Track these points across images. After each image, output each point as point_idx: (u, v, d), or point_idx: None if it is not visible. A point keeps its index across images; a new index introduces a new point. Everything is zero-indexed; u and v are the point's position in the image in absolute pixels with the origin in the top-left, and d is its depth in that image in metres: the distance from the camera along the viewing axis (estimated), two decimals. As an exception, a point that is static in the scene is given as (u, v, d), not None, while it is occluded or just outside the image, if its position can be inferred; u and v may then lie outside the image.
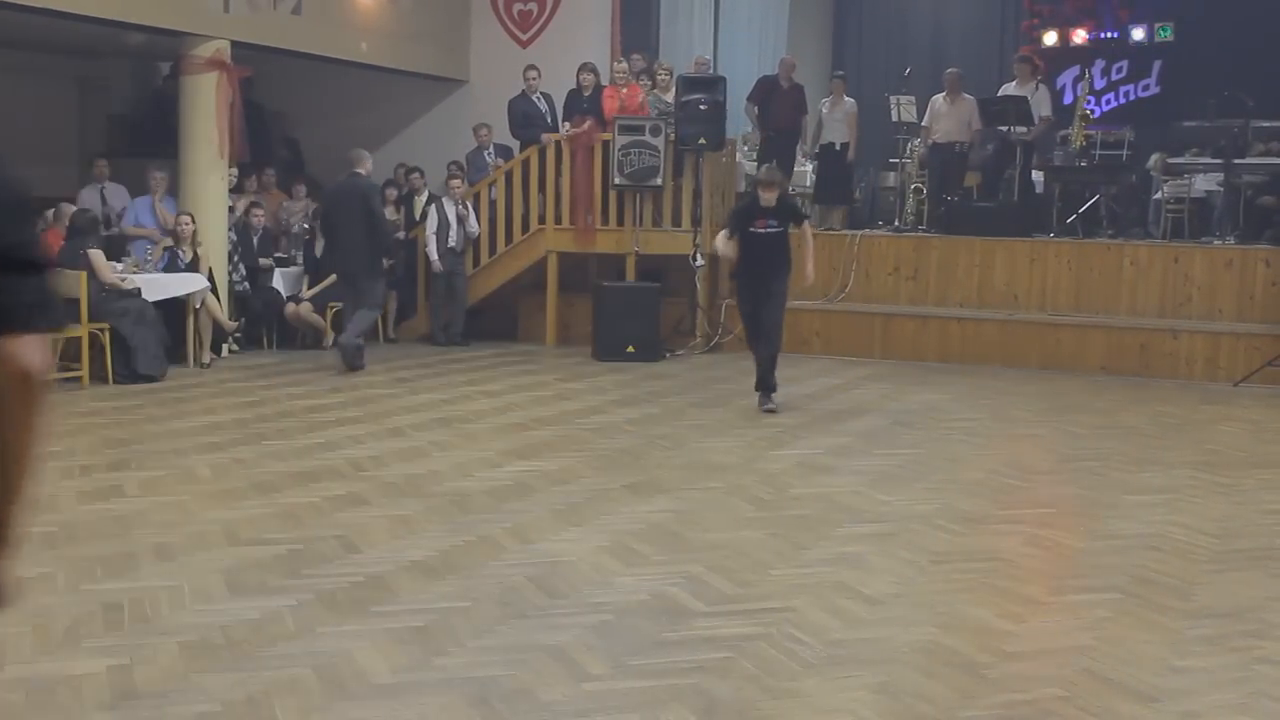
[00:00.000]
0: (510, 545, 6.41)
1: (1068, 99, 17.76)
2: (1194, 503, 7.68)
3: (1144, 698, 4.58)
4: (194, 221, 12.52)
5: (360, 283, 12.60)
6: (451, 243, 14.45)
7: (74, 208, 12.28)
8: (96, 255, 11.38)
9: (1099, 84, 18.28)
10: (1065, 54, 18.49)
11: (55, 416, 9.74)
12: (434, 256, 14.47)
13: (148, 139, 16.21)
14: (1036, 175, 15.88)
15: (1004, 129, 14.88)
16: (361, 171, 12.64)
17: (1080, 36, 18.38)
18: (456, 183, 14.66)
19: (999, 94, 15.21)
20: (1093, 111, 16.59)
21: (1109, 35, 18.40)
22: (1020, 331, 13.70)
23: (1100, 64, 18.34)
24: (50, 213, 12.61)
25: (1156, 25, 18.12)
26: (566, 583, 5.79)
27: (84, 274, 11.02)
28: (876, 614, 5.44)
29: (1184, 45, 17.89)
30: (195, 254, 12.45)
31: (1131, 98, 18.60)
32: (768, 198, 10.34)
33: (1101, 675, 4.78)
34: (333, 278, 13.88)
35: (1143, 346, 13.15)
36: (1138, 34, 18.26)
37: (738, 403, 10.93)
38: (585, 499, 7.43)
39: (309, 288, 14.07)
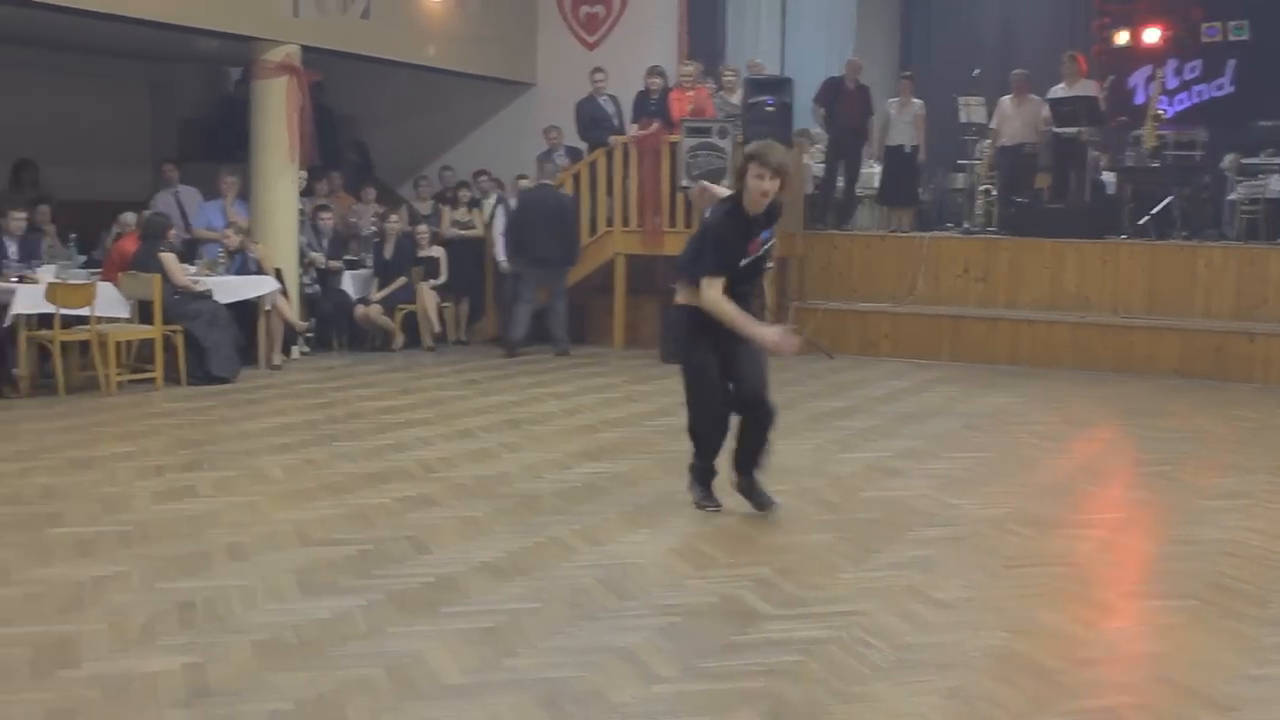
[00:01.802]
0: (580, 547, 6.42)
1: (1139, 99, 17.56)
2: (1271, 508, 7.56)
3: (1220, 706, 4.51)
4: (240, 230, 12.66)
5: (553, 279, 14.13)
6: (518, 244, 14.53)
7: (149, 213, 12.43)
8: (169, 258, 11.51)
9: (1171, 83, 18.04)
10: (1137, 53, 18.27)
11: (131, 418, 9.88)
12: (500, 257, 14.56)
13: (219, 143, 16.39)
14: (1108, 176, 15.72)
15: (1073, 130, 14.77)
16: (551, 183, 14.20)
17: (1152, 35, 18.16)
18: (525, 182, 14.72)
19: (1048, 96, 15.09)
20: (1165, 111, 16.39)
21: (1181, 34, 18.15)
22: (1092, 334, 13.56)
23: (1173, 63, 18.09)
24: (130, 217, 12.78)
25: (1230, 23, 17.86)
26: (636, 584, 5.79)
27: (157, 277, 11.15)
28: (947, 618, 5.40)
29: (1259, 43, 17.60)
30: (259, 257, 12.60)
31: (1205, 97, 18.34)
32: (765, 192, 6.63)
33: (1176, 682, 4.72)
34: (402, 280, 14.08)
35: (1217, 350, 12.97)
36: (1211, 33, 18.01)
37: (807, 405, 10.90)
38: (654, 501, 7.42)
39: (379, 290, 14.18)
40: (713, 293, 6.64)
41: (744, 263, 6.70)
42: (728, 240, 6.68)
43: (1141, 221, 14.47)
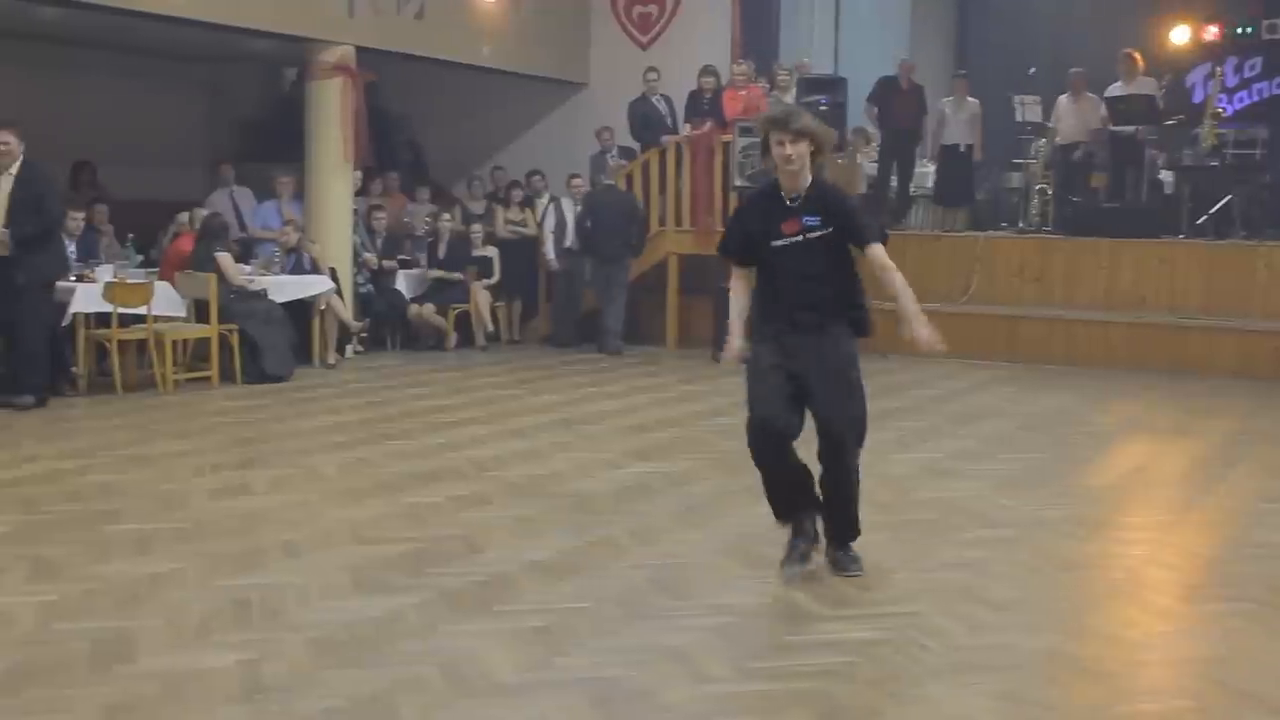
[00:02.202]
0: (632, 546, 6.42)
1: (1198, 97, 17.38)
2: (1331, 510, 7.47)
3: (1279, 712, 4.46)
4: (298, 229, 12.77)
5: (617, 271, 14.28)
6: (568, 242, 14.55)
7: (206, 212, 12.54)
8: (224, 258, 11.61)
9: (1231, 81, 17.86)
10: (1196, 51, 18.08)
11: (187, 416, 9.96)
12: (550, 255, 14.62)
13: (274, 143, 16.51)
14: (1166, 175, 15.58)
15: (1131, 128, 14.64)
16: (612, 182, 14.54)
17: (1211, 33, 17.96)
18: (579, 181, 14.77)
19: (1105, 94, 14.97)
20: (1224, 109, 16.20)
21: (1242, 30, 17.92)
22: (1148, 334, 13.42)
23: (1232, 61, 17.91)
24: (186, 217, 12.89)
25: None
26: (688, 584, 5.78)
27: (213, 276, 11.24)
28: (1001, 620, 5.36)
29: (1320, 40, 17.41)
30: (314, 256, 12.71)
31: (1265, 95, 18.15)
32: (788, 158, 5.69)
33: (1234, 687, 4.66)
34: (456, 275, 14.14)
35: (1277, 350, 12.80)
36: (1272, 29, 17.78)
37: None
38: (707, 500, 7.41)
39: (432, 288, 14.25)
40: (731, 278, 6.08)
41: (779, 244, 5.78)
42: (744, 217, 6.06)
43: (1200, 221, 14.32)
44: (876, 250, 5.84)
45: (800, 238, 5.78)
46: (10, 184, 9.73)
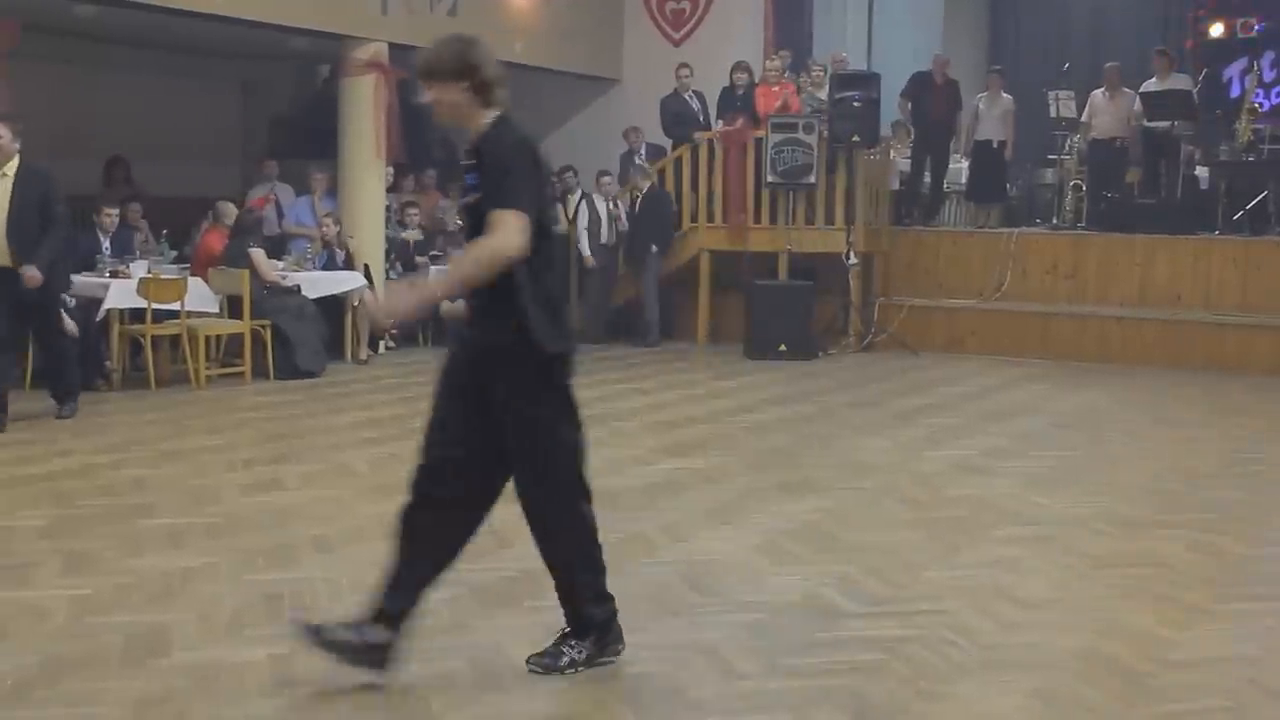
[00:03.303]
0: (662, 543, 6.41)
1: (1235, 91, 17.24)
2: (1367, 509, 7.41)
3: (1314, 710, 4.43)
4: (338, 222, 12.80)
5: (651, 265, 14.51)
6: (603, 239, 14.56)
7: (233, 206, 12.57)
8: (258, 254, 11.65)
9: (1268, 76, 17.69)
10: (1233, 46, 17.93)
11: (219, 411, 10.01)
12: (586, 252, 14.61)
13: (308, 140, 16.55)
14: (1202, 171, 15.47)
15: (1166, 124, 14.55)
16: (655, 183, 14.83)
17: (1248, 27, 17.80)
18: (607, 179, 14.77)
19: (1141, 90, 14.88)
20: (1261, 105, 16.07)
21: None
22: (1183, 332, 13.35)
23: (1270, 55, 17.75)
24: (210, 212, 12.95)
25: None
26: (718, 581, 5.77)
27: (246, 272, 11.28)
28: (1033, 618, 5.34)
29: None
30: (348, 252, 12.74)
31: (1303, 90, 17.97)
32: (431, 101, 4.67)
33: (1267, 687, 4.64)
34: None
35: (1314, 348, 12.71)
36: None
37: (892, 402, 10.83)
38: (737, 497, 7.40)
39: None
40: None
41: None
42: None
43: (1235, 217, 14.21)
44: (497, 218, 4.27)
45: (463, 201, 4.59)
46: (9, 186, 8.92)
